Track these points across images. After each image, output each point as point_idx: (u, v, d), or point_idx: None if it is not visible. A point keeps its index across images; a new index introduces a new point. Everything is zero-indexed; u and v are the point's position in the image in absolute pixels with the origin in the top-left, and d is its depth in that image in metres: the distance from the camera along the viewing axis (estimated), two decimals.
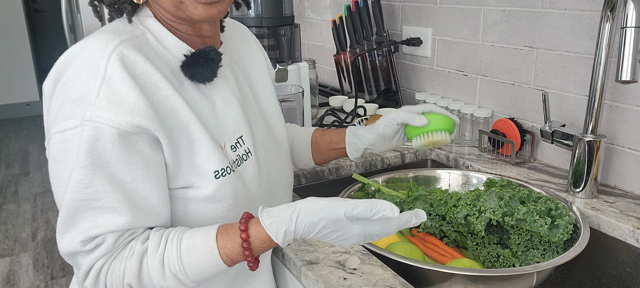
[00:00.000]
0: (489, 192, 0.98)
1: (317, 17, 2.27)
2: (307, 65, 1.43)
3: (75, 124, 0.64)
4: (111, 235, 0.68)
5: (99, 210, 0.67)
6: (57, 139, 0.66)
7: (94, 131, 0.63)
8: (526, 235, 0.93)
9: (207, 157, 0.73)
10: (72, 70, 0.67)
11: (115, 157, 0.65)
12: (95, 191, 0.65)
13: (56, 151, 0.67)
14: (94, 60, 0.66)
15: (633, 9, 0.87)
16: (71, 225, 0.67)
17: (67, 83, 0.67)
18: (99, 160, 0.64)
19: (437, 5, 1.56)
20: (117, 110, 0.64)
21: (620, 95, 1.10)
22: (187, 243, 0.69)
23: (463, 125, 1.48)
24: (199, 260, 0.69)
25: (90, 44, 0.69)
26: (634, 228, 0.96)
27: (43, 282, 2.61)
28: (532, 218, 0.91)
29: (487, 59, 1.42)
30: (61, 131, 0.65)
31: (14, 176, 3.98)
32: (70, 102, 0.65)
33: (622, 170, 1.13)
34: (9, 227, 3.18)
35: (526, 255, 0.93)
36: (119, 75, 0.65)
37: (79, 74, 0.66)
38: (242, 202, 0.78)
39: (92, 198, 0.66)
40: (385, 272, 0.81)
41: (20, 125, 5.37)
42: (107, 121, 0.63)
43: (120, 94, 0.65)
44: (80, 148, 0.63)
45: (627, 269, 0.99)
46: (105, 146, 0.64)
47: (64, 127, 0.65)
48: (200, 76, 0.75)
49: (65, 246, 0.69)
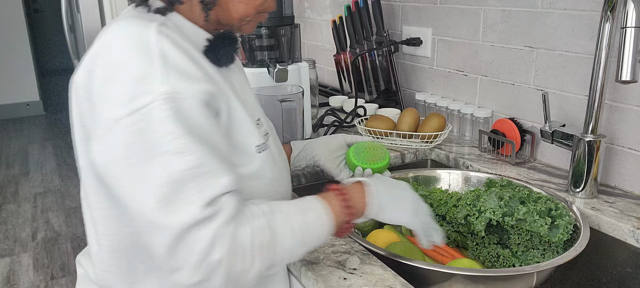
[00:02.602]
0: (489, 192, 0.98)
1: (317, 17, 2.27)
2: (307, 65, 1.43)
3: (146, 101, 0.61)
4: (226, 197, 0.64)
5: (204, 176, 0.63)
6: (127, 122, 0.61)
7: (175, 101, 0.62)
8: (526, 235, 0.93)
9: (248, 132, 0.74)
10: (117, 55, 0.65)
11: (201, 121, 0.64)
12: (197, 157, 0.62)
13: (127, 135, 0.61)
14: (143, 40, 0.64)
15: (633, 9, 0.87)
16: (179, 199, 0.62)
17: (118, 67, 0.63)
18: (190, 127, 0.62)
19: (437, 5, 1.56)
20: (191, 81, 0.64)
21: (620, 95, 1.10)
22: (301, 203, 0.73)
23: (463, 125, 1.48)
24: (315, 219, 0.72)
25: (126, 27, 0.67)
26: (634, 228, 0.96)
27: (43, 282, 2.61)
28: (532, 219, 0.91)
29: (487, 59, 1.42)
30: (130, 113, 0.61)
31: (14, 176, 3.98)
32: (133, 83, 0.62)
33: (622, 170, 1.13)
34: (9, 227, 3.18)
35: (526, 255, 0.93)
36: (174, 51, 0.65)
37: (131, 56, 0.64)
38: (277, 178, 0.80)
39: (196, 165, 0.62)
40: (385, 272, 0.81)
41: (20, 125, 5.37)
42: (185, 89, 0.63)
43: (183, 66, 0.64)
44: (168, 120, 0.61)
45: (627, 269, 0.99)
46: (190, 113, 0.63)
47: (133, 108, 0.61)
48: (224, 59, 0.75)
49: (179, 220, 0.61)
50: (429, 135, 1.36)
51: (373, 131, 1.42)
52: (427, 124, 1.38)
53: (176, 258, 0.62)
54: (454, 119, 1.50)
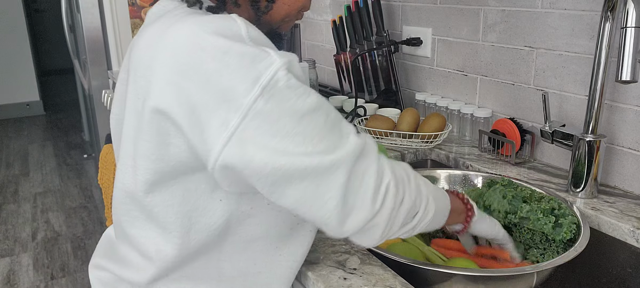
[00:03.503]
0: (493, 189, 0.98)
1: (317, 17, 2.27)
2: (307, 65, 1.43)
3: (270, 75, 0.61)
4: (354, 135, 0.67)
5: (337, 119, 0.66)
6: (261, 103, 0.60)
7: (291, 68, 0.63)
8: (528, 234, 0.93)
9: None
10: (214, 47, 0.61)
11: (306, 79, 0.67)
12: (327, 106, 0.66)
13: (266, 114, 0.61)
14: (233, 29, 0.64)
15: (633, 9, 0.87)
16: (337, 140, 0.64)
17: (224, 57, 0.61)
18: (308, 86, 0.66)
19: (437, 5, 1.56)
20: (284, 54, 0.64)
21: (620, 95, 1.10)
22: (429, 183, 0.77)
23: (463, 125, 1.48)
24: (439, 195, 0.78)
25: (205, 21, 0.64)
26: (634, 228, 0.96)
27: (43, 282, 2.61)
28: (535, 217, 0.91)
29: (487, 59, 1.42)
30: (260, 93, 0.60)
31: (14, 176, 3.98)
32: (248, 65, 0.61)
33: (622, 170, 1.13)
34: (9, 227, 3.18)
35: (527, 254, 0.93)
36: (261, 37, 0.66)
37: (231, 44, 0.61)
38: None
39: (329, 112, 0.66)
40: (385, 272, 0.81)
41: (20, 125, 5.37)
42: (291, 58, 0.64)
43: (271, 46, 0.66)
44: (295, 86, 0.62)
45: (627, 269, 0.99)
46: (300, 75, 0.65)
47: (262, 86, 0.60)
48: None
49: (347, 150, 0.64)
50: (429, 135, 1.36)
51: (373, 131, 1.42)
52: (427, 123, 1.38)
53: (350, 201, 0.65)
54: (454, 119, 1.50)
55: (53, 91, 6.45)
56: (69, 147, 4.61)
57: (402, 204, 0.68)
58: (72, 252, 2.87)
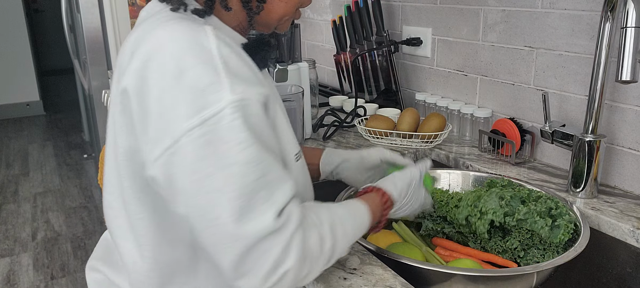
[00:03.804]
0: (490, 192, 0.98)
1: (317, 17, 2.27)
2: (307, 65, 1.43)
3: (216, 110, 0.59)
4: (292, 204, 0.65)
5: (272, 183, 0.63)
6: (196, 134, 0.59)
7: (244, 109, 0.61)
8: (527, 234, 0.93)
9: (288, 138, 0.74)
10: (178, 61, 0.61)
11: (263, 126, 0.64)
12: (266, 165, 0.62)
13: (197, 148, 0.60)
14: (203, 46, 0.62)
15: (633, 9, 0.87)
16: (252, 209, 0.61)
17: (181, 75, 0.60)
18: (258, 134, 0.62)
19: (437, 5, 1.56)
20: (252, 85, 0.63)
21: (620, 95, 1.10)
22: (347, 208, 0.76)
23: (463, 125, 1.48)
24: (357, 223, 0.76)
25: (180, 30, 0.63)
26: (634, 228, 0.96)
27: (43, 282, 2.61)
28: (532, 219, 0.91)
29: (487, 59, 1.42)
30: (199, 124, 0.59)
31: (14, 176, 3.98)
32: (198, 92, 0.60)
33: (622, 170, 1.13)
34: (9, 227, 3.18)
35: (526, 255, 0.93)
36: (233, 56, 0.63)
37: (193, 63, 0.61)
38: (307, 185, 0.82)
39: (265, 173, 0.62)
40: (385, 272, 0.81)
41: (20, 125, 5.37)
42: (252, 95, 0.62)
43: (244, 72, 0.64)
44: (238, 130, 0.60)
45: (627, 269, 0.99)
46: (255, 120, 0.62)
47: (203, 119, 0.59)
48: (262, 61, 0.74)
49: (254, 230, 0.61)
50: (429, 135, 1.36)
51: (373, 131, 1.42)
52: (427, 124, 1.38)
53: (247, 266, 0.62)
54: (454, 119, 1.50)
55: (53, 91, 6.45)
56: (69, 147, 4.61)
57: (307, 276, 0.67)
58: (72, 252, 2.87)
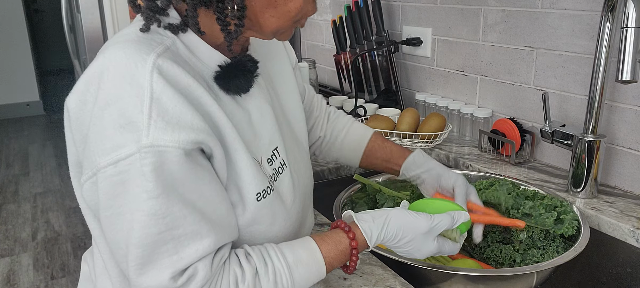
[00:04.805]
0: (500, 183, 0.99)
1: (317, 17, 2.27)
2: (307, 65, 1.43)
3: (130, 152, 0.57)
4: (202, 262, 0.61)
5: (180, 238, 0.60)
6: (110, 172, 0.58)
7: (158, 156, 0.56)
8: (529, 232, 0.93)
9: (249, 179, 0.67)
10: (109, 91, 0.59)
11: (184, 177, 0.59)
12: (173, 219, 0.59)
13: (110, 186, 0.58)
14: (135, 79, 0.59)
15: (633, 9, 0.87)
16: (152, 262, 0.59)
17: (106, 107, 0.59)
18: (169, 186, 0.58)
19: (437, 5, 1.56)
20: (177, 130, 0.58)
21: (620, 95, 1.10)
22: (292, 257, 0.67)
23: (463, 125, 1.48)
24: (306, 272, 0.68)
25: (121, 58, 0.61)
26: (634, 228, 0.96)
27: (43, 282, 2.61)
28: (538, 213, 0.92)
29: (487, 59, 1.42)
30: (114, 163, 0.57)
31: (14, 176, 3.98)
32: (118, 129, 0.58)
33: (622, 170, 1.13)
34: (9, 227, 3.18)
35: (527, 253, 0.93)
36: (168, 92, 0.58)
37: (121, 96, 0.58)
38: (279, 219, 0.73)
39: (171, 227, 0.59)
40: (385, 272, 0.81)
41: (20, 125, 5.37)
42: (170, 143, 0.57)
43: (175, 112, 0.58)
44: (146, 177, 0.56)
45: (627, 269, 0.99)
46: (171, 169, 0.57)
47: (117, 158, 0.57)
48: (237, 88, 0.69)
49: (149, 285, 0.60)
50: (429, 135, 1.36)
51: None
52: (427, 124, 1.38)
53: None
54: (454, 119, 1.50)
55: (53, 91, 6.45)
56: None
57: None
58: (72, 252, 2.87)
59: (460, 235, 0.80)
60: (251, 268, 0.65)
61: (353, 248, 0.71)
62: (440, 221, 0.76)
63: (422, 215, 0.75)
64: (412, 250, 0.75)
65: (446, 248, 0.77)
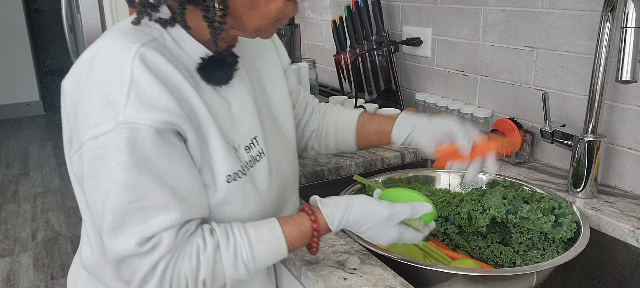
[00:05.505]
0: (493, 190, 0.98)
1: (317, 17, 2.27)
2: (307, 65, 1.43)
3: (109, 128, 0.64)
4: (167, 232, 0.68)
5: (149, 209, 0.66)
6: (91, 145, 0.65)
7: (131, 133, 0.63)
8: (528, 234, 0.93)
9: (221, 160, 0.73)
10: (96, 74, 0.67)
11: (156, 154, 0.65)
12: (143, 190, 0.65)
13: (92, 158, 0.66)
14: (119, 64, 0.66)
15: (633, 9, 0.87)
16: (122, 228, 0.67)
17: (93, 88, 0.67)
18: (141, 160, 0.65)
19: (437, 5, 1.56)
20: (151, 110, 0.64)
21: (620, 95, 1.10)
22: (255, 235, 0.73)
23: None
24: (267, 251, 0.73)
25: (110, 45, 0.69)
26: (634, 228, 0.96)
27: (43, 282, 2.61)
28: (535, 216, 0.91)
29: (487, 59, 1.42)
30: (95, 137, 0.65)
31: (14, 176, 3.98)
32: (101, 107, 0.65)
33: (622, 170, 1.13)
34: (9, 227, 3.18)
35: (527, 254, 0.93)
36: (147, 77, 0.66)
37: (105, 79, 0.66)
38: (251, 202, 0.78)
39: (141, 198, 0.66)
40: (385, 272, 0.81)
41: (20, 125, 5.37)
42: (143, 121, 0.64)
43: (151, 95, 0.65)
44: (120, 151, 0.64)
45: (627, 269, 0.99)
46: (144, 145, 0.64)
47: (98, 133, 0.65)
48: (217, 79, 0.75)
49: (118, 249, 0.67)
50: None
51: None
52: None
53: (123, 273, 0.70)
54: None
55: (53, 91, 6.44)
56: None
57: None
58: (72, 252, 2.87)
59: (424, 225, 0.82)
60: (213, 242, 0.71)
61: (314, 229, 0.76)
62: (400, 210, 0.79)
63: (384, 203, 0.79)
64: (374, 236, 0.79)
65: (407, 236, 0.80)
